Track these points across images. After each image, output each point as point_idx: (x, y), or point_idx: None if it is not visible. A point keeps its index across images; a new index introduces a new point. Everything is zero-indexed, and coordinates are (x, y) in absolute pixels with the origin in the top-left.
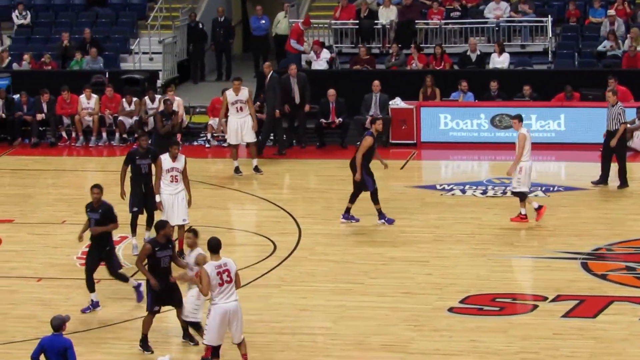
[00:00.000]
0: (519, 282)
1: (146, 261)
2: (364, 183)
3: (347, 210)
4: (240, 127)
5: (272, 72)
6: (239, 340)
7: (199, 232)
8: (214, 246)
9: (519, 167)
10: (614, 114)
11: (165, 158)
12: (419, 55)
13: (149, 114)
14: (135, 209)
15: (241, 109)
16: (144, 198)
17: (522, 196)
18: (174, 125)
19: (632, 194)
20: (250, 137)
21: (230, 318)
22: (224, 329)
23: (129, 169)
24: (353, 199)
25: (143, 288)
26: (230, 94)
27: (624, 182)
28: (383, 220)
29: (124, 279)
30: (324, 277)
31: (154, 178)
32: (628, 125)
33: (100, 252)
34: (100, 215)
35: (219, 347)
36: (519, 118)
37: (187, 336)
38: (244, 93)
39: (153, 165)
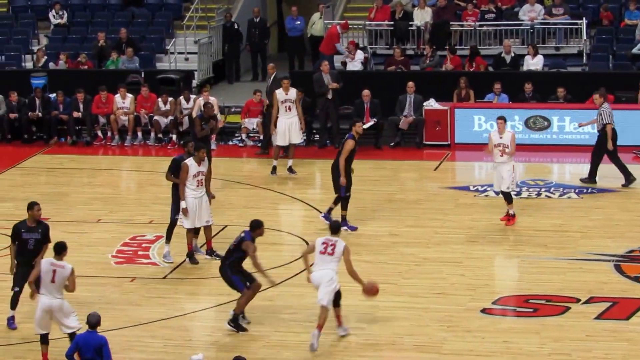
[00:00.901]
0: (551, 283)
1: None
2: (339, 187)
3: (343, 217)
4: (288, 128)
5: (275, 73)
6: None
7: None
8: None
9: (512, 166)
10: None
11: (191, 163)
12: (453, 57)
13: (184, 114)
14: (177, 217)
15: (289, 108)
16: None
17: (510, 197)
18: (212, 129)
19: None
20: (297, 138)
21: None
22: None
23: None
24: (344, 205)
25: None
26: (280, 93)
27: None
28: (346, 227)
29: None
30: None
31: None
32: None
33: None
34: (41, 234)
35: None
36: (504, 119)
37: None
38: (293, 93)
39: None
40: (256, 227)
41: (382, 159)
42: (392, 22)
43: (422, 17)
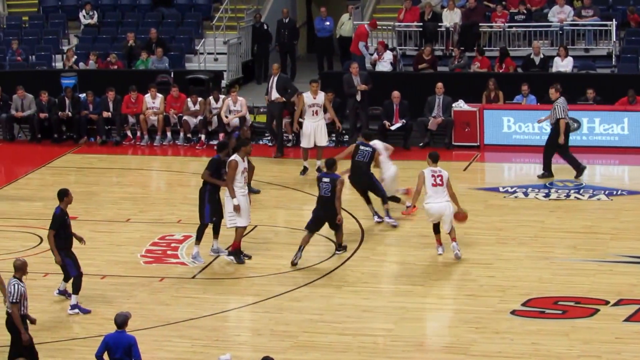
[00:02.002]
0: (581, 285)
1: None
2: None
3: (387, 211)
4: (314, 131)
5: (279, 73)
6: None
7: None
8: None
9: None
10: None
11: (238, 159)
12: (482, 58)
13: (213, 114)
14: (214, 218)
15: (317, 112)
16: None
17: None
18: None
19: None
20: (323, 141)
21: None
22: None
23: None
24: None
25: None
26: (307, 97)
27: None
28: (387, 218)
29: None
30: (386, 278)
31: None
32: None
33: None
34: None
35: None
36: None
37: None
38: (321, 97)
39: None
40: (332, 164)
41: (411, 160)
42: (421, 23)
43: (451, 18)
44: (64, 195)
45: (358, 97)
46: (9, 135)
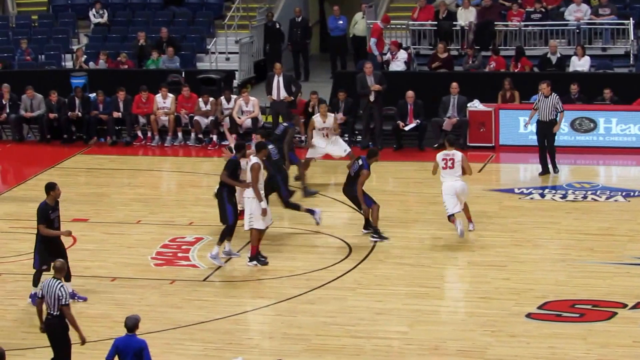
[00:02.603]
0: (598, 288)
1: None
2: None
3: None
4: (326, 145)
5: (282, 73)
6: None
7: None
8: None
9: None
10: (550, 104)
11: (259, 162)
12: (497, 58)
13: (225, 114)
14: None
15: (327, 135)
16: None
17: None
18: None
19: None
20: (339, 152)
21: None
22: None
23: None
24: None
25: None
26: (317, 121)
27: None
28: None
29: None
30: (400, 280)
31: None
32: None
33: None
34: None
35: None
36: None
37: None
38: (330, 119)
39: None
40: (373, 155)
41: (425, 161)
42: (435, 22)
43: (466, 17)
44: (50, 189)
45: (372, 98)
46: (18, 136)
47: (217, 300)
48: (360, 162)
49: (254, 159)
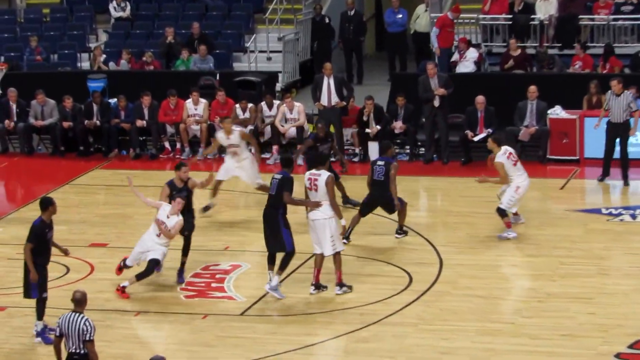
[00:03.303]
0: None
1: None
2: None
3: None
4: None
5: (333, 74)
6: None
7: None
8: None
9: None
10: (623, 103)
11: (332, 175)
12: (584, 56)
13: (266, 123)
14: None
15: (235, 153)
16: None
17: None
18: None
19: None
20: (254, 179)
21: None
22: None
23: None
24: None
25: None
26: (220, 137)
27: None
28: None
29: None
30: (469, 315)
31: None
32: None
33: None
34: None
35: None
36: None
37: None
38: (236, 136)
39: None
40: (387, 147)
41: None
42: (510, 16)
43: (545, 9)
44: (47, 204)
45: (436, 103)
46: (27, 148)
47: (255, 337)
48: (380, 162)
49: (325, 174)
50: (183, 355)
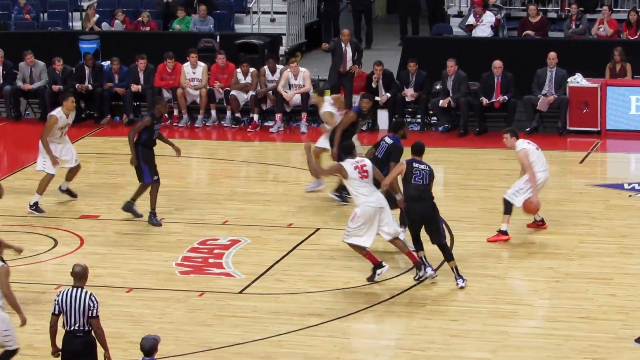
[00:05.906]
0: None
1: None
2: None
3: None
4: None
5: (350, 40)
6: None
7: None
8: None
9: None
10: None
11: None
12: (609, 20)
13: (268, 88)
14: None
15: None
16: None
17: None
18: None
19: None
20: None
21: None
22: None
23: None
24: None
25: None
26: (61, 117)
27: None
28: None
29: None
30: (482, 296)
31: None
32: None
33: None
34: None
35: None
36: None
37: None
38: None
39: None
40: (400, 125)
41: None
42: None
43: None
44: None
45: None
46: (15, 113)
47: (255, 317)
48: (388, 140)
49: (366, 160)
50: (178, 334)
